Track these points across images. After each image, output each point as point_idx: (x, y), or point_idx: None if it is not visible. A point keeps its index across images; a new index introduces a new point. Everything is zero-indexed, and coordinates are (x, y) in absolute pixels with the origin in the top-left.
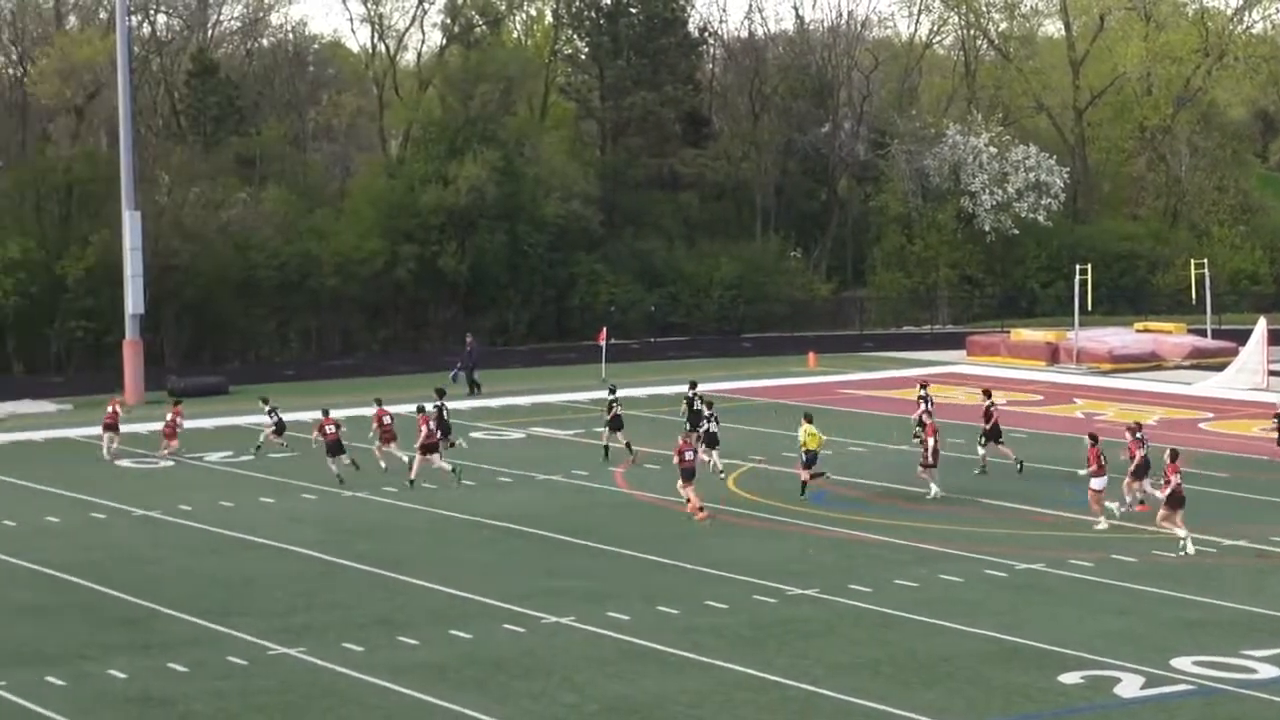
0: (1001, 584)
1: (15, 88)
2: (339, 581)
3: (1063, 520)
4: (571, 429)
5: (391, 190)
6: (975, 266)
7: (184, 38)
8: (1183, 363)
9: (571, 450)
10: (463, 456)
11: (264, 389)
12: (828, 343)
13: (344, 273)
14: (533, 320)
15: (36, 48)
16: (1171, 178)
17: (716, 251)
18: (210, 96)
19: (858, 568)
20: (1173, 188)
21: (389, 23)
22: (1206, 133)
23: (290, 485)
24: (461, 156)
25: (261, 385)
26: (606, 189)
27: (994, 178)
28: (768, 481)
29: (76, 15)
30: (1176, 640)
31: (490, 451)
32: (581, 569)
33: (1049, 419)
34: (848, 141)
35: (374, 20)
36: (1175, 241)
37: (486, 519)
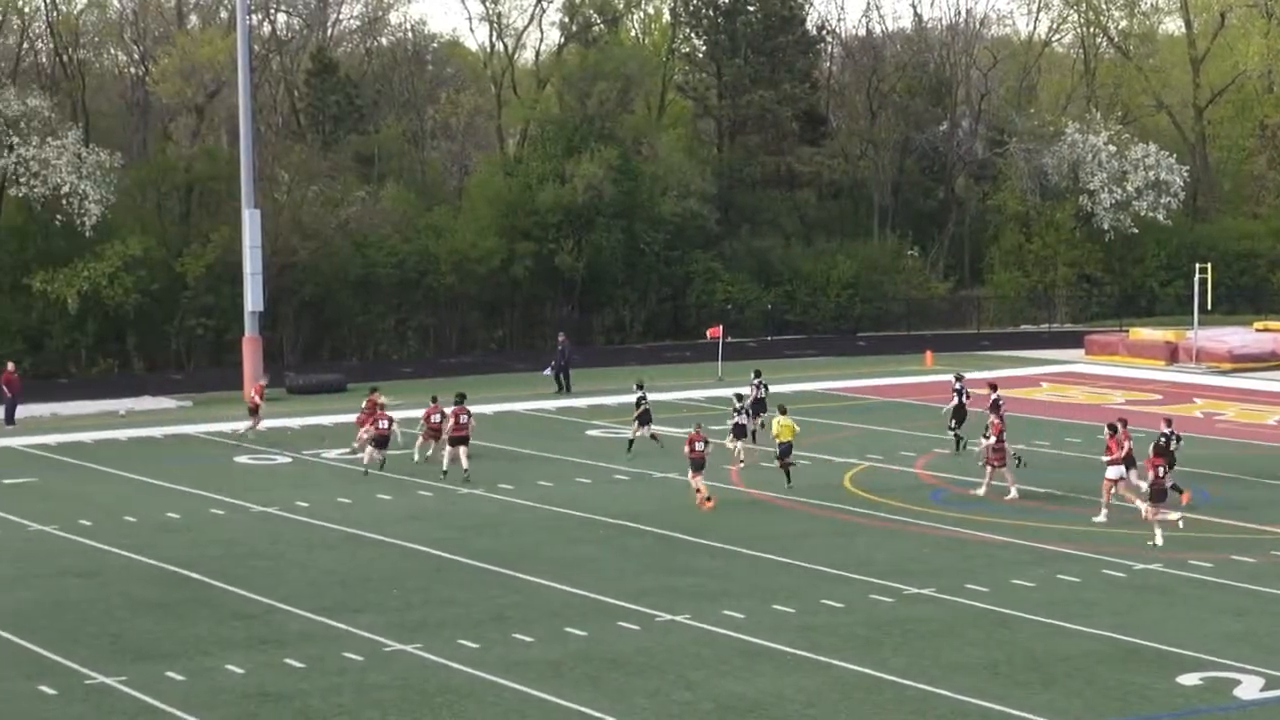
0: (1120, 584)
1: (137, 87)
2: (455, 578)
3: (1182, 521)
4: (687, 427)
5: (509, 188)
6: (1094, 265)
7: (304, 37)
8: None
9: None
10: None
11: (381, 388)
12: (944, 341)
13: (461, 271)
14: (649, 318)
15: (158, 47)
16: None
17: (833, 250)
18: (330, 95)
19: (975, 568)
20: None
21: (507, 21)
22: None
23: (408, 482)
24: (579, 155)
25: (378, 382)
26: (723, 187)
27: (1113, 176)
28: (884, 480)
29: (197, 15)
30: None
31: (606, 449)
32: (697, 567)
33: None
34: (965, 140)
35: (492, 19)
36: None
37: (603, 517)
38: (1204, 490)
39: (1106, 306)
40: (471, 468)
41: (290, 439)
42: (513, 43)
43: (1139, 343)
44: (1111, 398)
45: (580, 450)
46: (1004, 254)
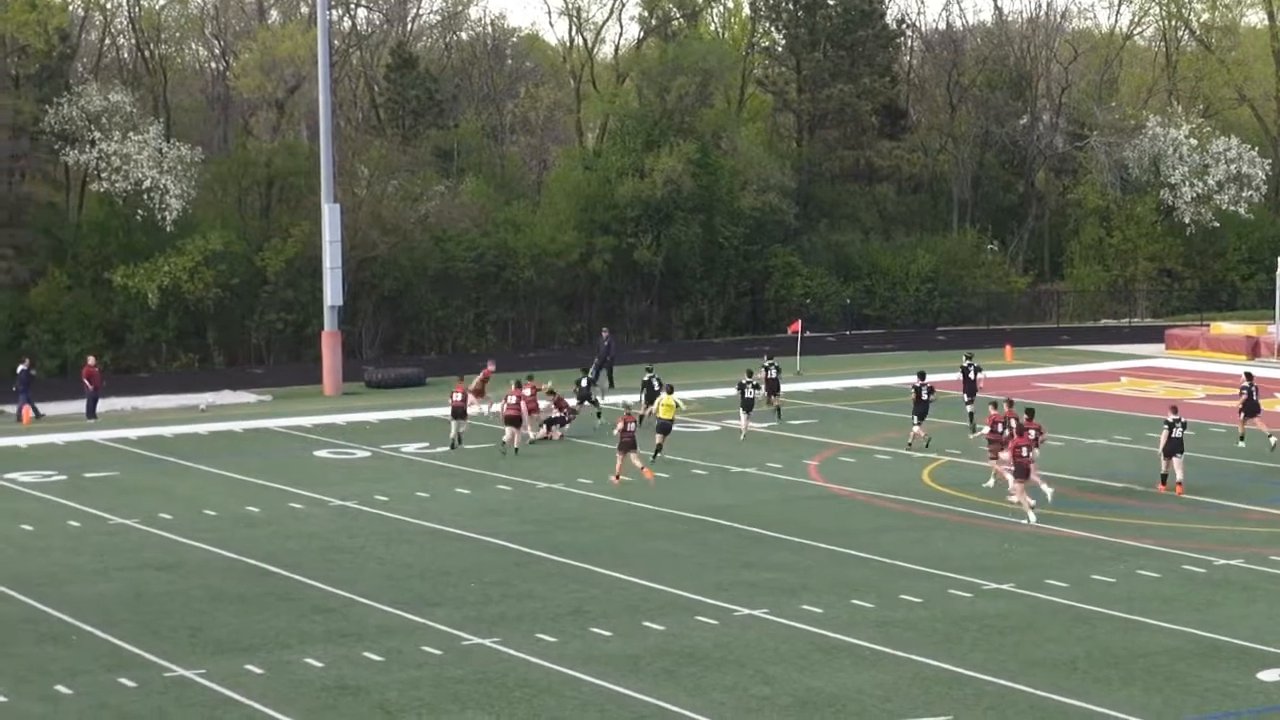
0: (1200, 580)
1: (218, 81)
2: (533, 573)
3: (1264, 516)
4: (766, 421)
5: (588, 182)
6: (1174, 259)
7: (384, 32)
8: None
9: (765, 443)
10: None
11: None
12: (1024, 336)
13: (540, 264)
14: (728, 313)
15: (238, 42)
16: None
17: (913, 244)
18: (409, 90)
19: (1054, 563)
20: None
21: (587, 16)
22: None
23: (486, 477)
24: (658, 149)
25: (458, 377)
26: (802, 181)
27: (1194, 170)
28: (963, 476)
29: (278, 9)
30: None
31: (685, 444)
32: (775, 562)
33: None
34: (1046, 133)
35: (572, 13)
36: None
37: (681, 511)
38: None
39: (1187, 301)
40: (524, 448)
41: (368, 433)
42: (592, 37)
43: (1220, 337)
44: (1192, 393)
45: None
46: (1084, 248)
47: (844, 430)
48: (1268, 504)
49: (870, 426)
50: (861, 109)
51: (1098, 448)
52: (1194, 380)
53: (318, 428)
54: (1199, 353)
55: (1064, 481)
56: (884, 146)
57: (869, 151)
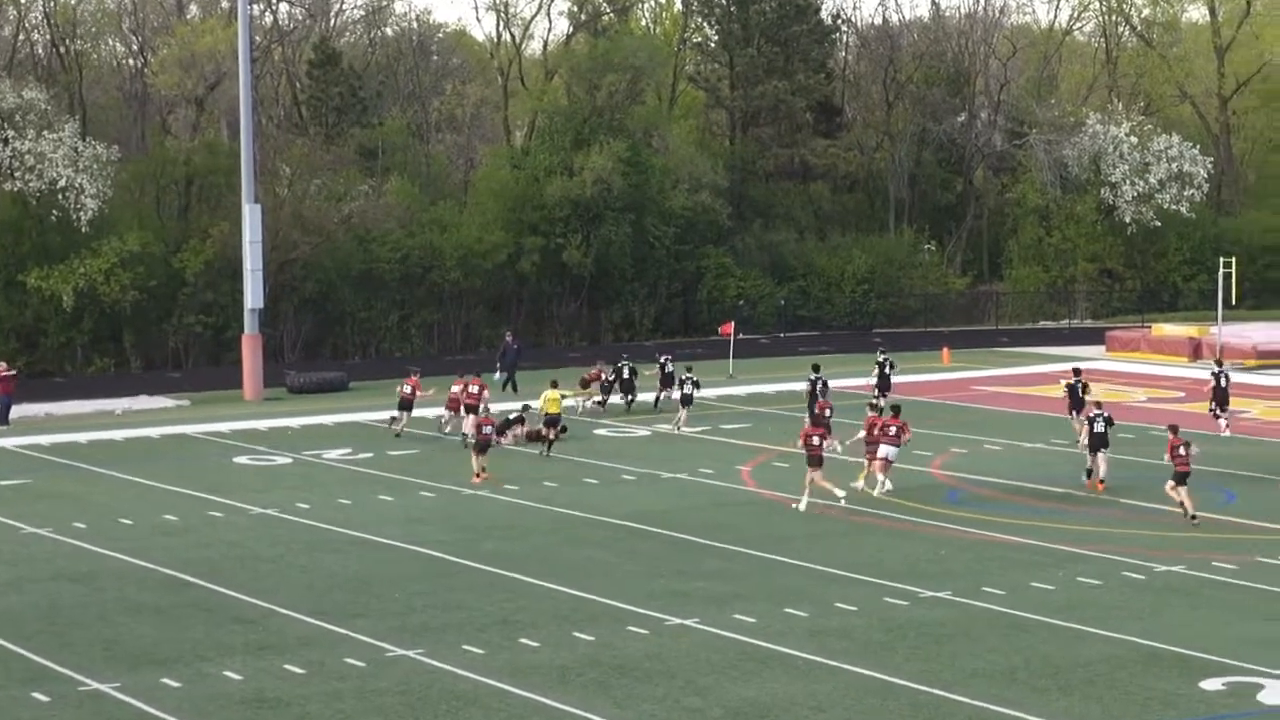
0: (1141, 587)
1: (135, 78)
2: (459, 582)
3: (1206, 521)
4: (698, 426)
5: (516, 182)
6: (1115, 260)
7: (306, 27)
8: None
9: (697, 448)
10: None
11: (384, 385)
12: (962, 338)
13: (466, 266)
14: (659, 314)
15: (157, 38)
16: None
17: (848, 244)
18: (332, 87)
19: (992, 570)
20: None
21: (515, 11)
22: None
23: (410, 483)
24: (587, 147)
25: (382, 381)
26: (735, 180)
27: (1135, 168)
28: (899, 480)
29: (197, 4)
30: None
31: (614, 449)
32: (707, 570)
33: (1191, 417)
34: (984, 131)
35: (499, 8)
36: None
37: (611, 518)
38: (1228, 490)
39: (1128, 302)
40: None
41: (290, 439)
42: (520, 32)
43: (1161, 339)
44: (1133, 395)
45: (588, 450)
46: (1023, 248)
47: (777, 434)
48: (1210, 509)
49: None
50: (796, 106)
51: (1037, 451)
52: (1134, 383)
53: (237, 433)
54: (1140, 355)
55: (1002, 486)
56: (819, 144)
57: (803, 149)
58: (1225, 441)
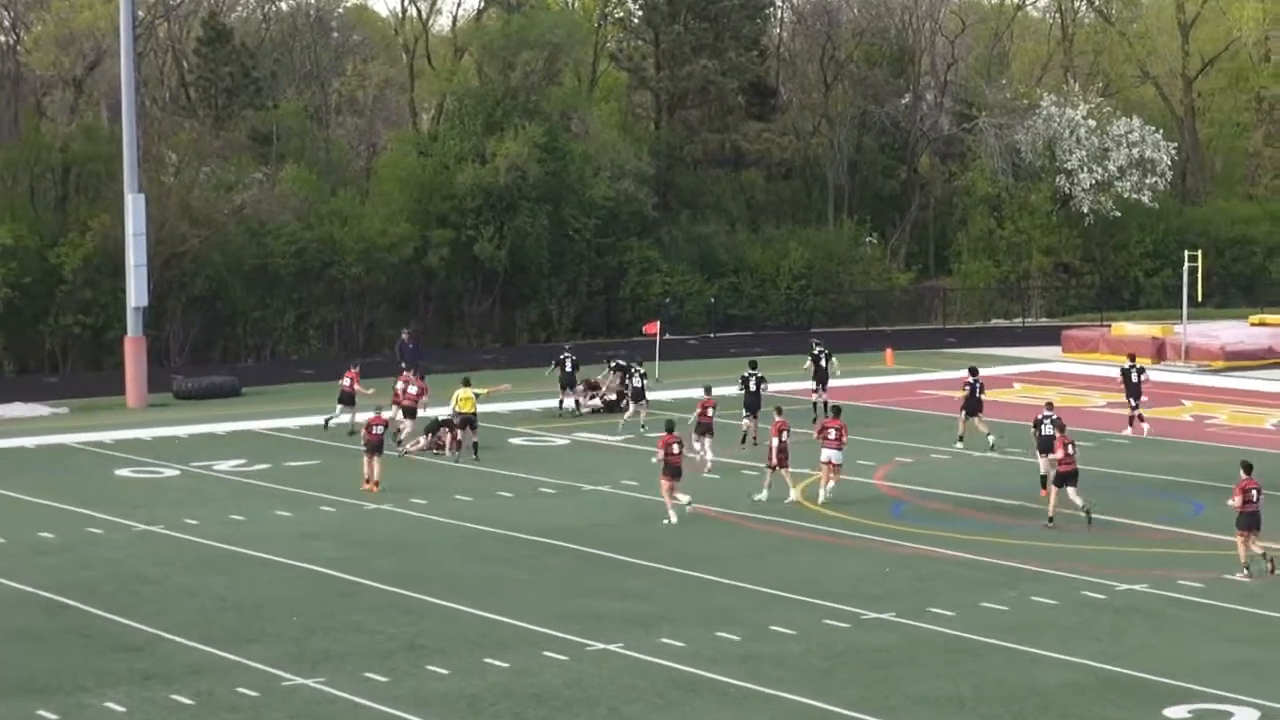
0: (1100, 607)
1: (7, 57)
2: (361, 604)
3: (1170, 535)
4: (622, 434)
5: (423, 169)
6: (1072, 253)
7: (194, 2)
8: None
9: (620, 458)
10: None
11: (280, 390)
12: (906, 338)
13: (369, 261)
14: (579, 313)
15: (31, 13)
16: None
17: (783, 237)
18: (223, 67)
19: (940, 589)
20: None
21: None
22: None
23: (307, 497)
24: (501, 132)
25: (277, 386)
26: (661, 167)
27: (1093, 154)
28: (840, 493)
29: None
30: None
31: (531, 459)
32: (631, 590)
33: (1155, 423)
34: (930, 114)
35: None
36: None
37: (527, 534)
38: (1196, 502)
39: (1086, 299)
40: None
41: (177, 449)
42: (427, 7)
43: (1122, 339)
44: (1091, 399)
45: (502, 460)
46: (972, 241)
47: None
48: (1174, 522)
49: (735, 438)
50: (726, 87)
51: (988, 461)
52: (1092, 386)
53: (120, 443)
54: (1099, 356)
55: (950, 498)
56: (751, 129)
57: (735, 134)
58: (1193, 450)
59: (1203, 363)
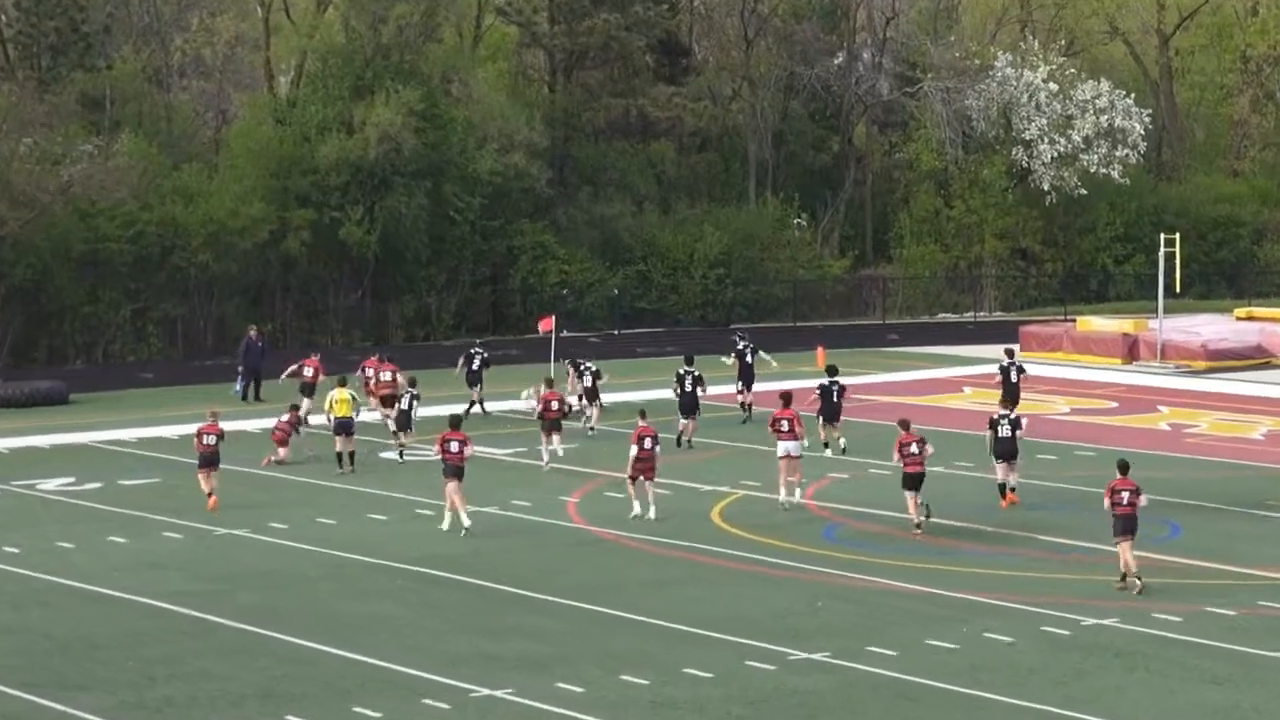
0: (1064, 644)
1: None
2: (211, 645)
3: (1144, 562)
4: (511, 446)
5: (280, 141)
6: (1031, 237)
7: None
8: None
9: (511, 474)
10: None
11: (115, 398)
12: (841, 335)
13: (218, 246)
14: (462, 307)
15: None
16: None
17: (699, 218)
18: (47, 20)
19: (880, 625)
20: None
21: None
22: None
23: (149, 521)
24: (370, 97)
25: (112, 393)
26: (557, 138)
27: (1055, 123)
28: (765, 514)
29: None
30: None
31: (406, 477)
32: (524, 627)
33: (1127, 433)
34: (867, 77)
35: None
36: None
37: (402, 563)
38: (1172, 523)
39: (1048, 290)
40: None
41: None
42: None
43: (1089, 336)
44: (1054, 406)
45: (373, 478)
46: (916, 223)
47: (611, 458)
48: (1148, 547)
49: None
50: (632, 45)
51: (934, 477)
52: (1055, 390)
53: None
54: (1062, 355)
55: (892, 520)
56: (661, 93)
57: (642, 99)
58: (1170, 463)
59: (1181, 363)
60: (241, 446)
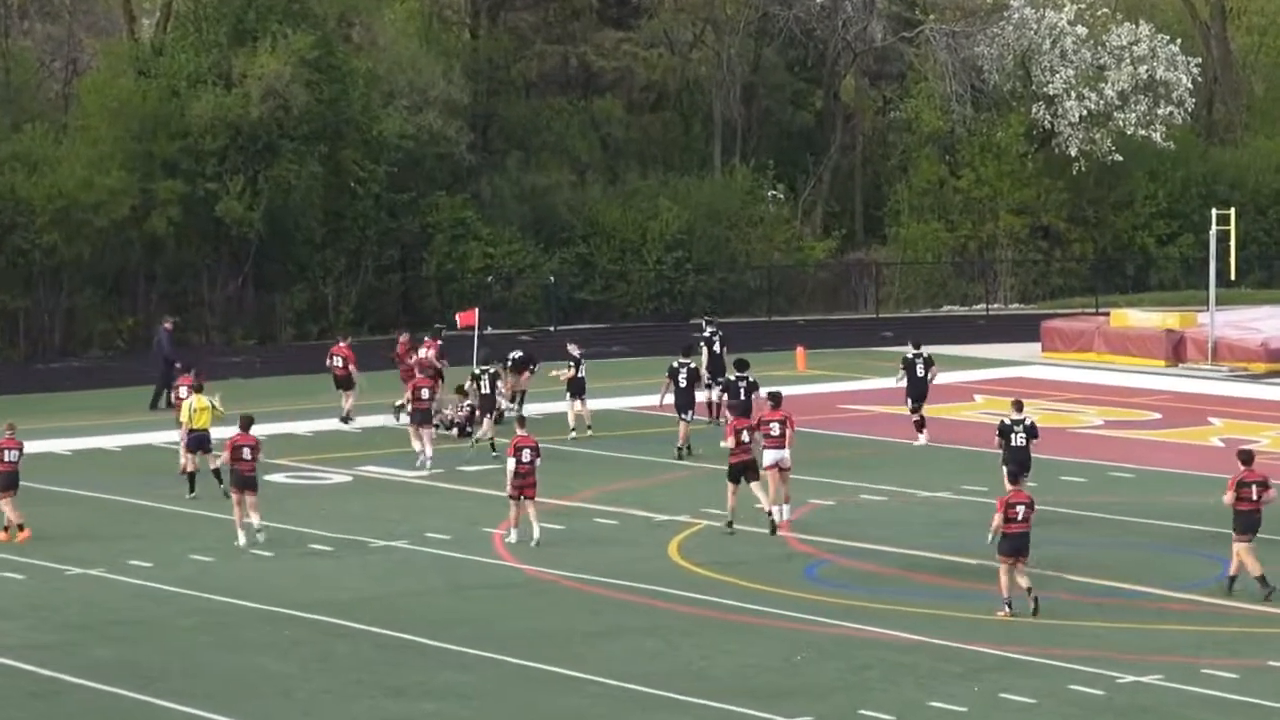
0: (1098, 707)
1: None
2: (62, 706)
3: (1192, 607)
4: (423, 469)
5: (143, 96)
6: (1055, 213)
7: None
8: None
9: (425, 500)
10: None
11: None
12: (825, 332)
13: (68, 225)
14: (364, 298)
15: None
16: None
17: (653, 191)
18: None
19: (872, 682)
20: None
21: None
22: None
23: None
24: (253, 44)
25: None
26: (480, 93)
27: (1084, 75)
28: (732, 548)
29: None
30: None
31: (300, 504)
32: (438, 686)
33: (1172, 450)
34: (857, 18)
35: None
36: None
37: (292, 609)
38: (1226, 560)
39: (1075, 277)
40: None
41: None
42: None
43: (1125, 332)
44: (1083, 418)
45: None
46: (916, 196)
47: (546, 479)
48: (1198, 589)
49: (588, 473)
50: None
51: (939, 503)
52: (1085, 398)
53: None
54: (1094, 356)
55: (885, 556)
56: (607, 39)
57: (584, 46)
58: (1178, 484)
59: (1237, 365)
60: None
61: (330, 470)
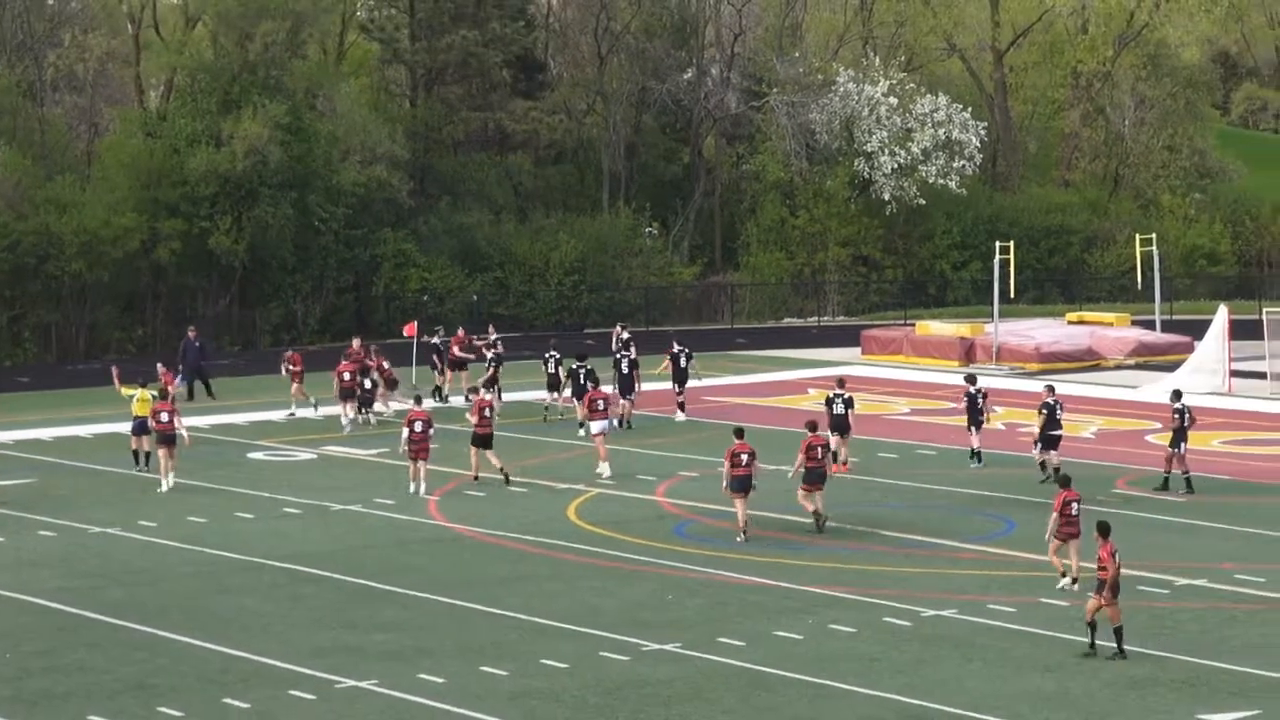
0: (905, 635)
1: None
2: (84, 638)
3: (979, 555)
4: (374, 448)
5: (151, 153)
6: (872, 245)
7: None
8: (1125, 361)
9: (375, 474)
10: None
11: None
12: (691, 339)
13: (91, 255)
14: (327, 313)
15: None
16: (1112, 135)
17: (554, 227)
18: None
19: (728, 616)
20: (1114, 147)
21: None
22: (1155, 79)
23: (24, 520)
24: (238, 111)
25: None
26: (418, 150)
27: (895, 135)
28: (618, 511)
29: None
30: (1119, 703)
31: (273, 476)
32: (387, 621)
33: (965, 432)
34: (715, 91)
35: None
36: (1117, 213)
37: (269, 560)
38: (1008, 519)
39: (888, 295)
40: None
41: None
42: None
43: (927, 339)
44: (894, 406)
45: (241, 478)
46: (763, 231)
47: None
48: (984, 540)
49: (504, 451)
50: (490, 61)
51: (780, 475)
52: (896, 391)
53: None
54: (902, 358)
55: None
56: (518, 107)
57: (500, 113)
58: (1005, 461)
59: (1016, 365)
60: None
61: (299, 449)
